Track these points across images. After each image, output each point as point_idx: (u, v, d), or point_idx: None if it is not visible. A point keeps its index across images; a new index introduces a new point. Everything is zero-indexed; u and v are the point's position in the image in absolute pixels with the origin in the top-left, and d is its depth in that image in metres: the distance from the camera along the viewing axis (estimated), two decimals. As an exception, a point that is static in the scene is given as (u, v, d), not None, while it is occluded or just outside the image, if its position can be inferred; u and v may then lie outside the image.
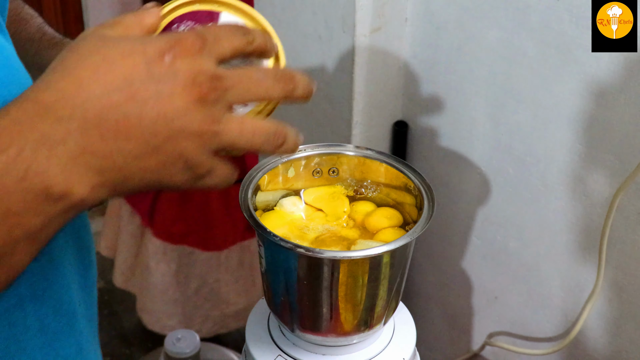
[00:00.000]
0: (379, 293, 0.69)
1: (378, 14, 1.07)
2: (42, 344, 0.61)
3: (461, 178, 1.15)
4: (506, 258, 1.14)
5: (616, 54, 0.87)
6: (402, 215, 0.75)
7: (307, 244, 0.71)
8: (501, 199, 1.10)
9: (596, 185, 0.96)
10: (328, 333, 0.71)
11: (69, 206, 0.48)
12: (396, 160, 0.76)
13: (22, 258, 0.49)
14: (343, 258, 0.64)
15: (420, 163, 1.20)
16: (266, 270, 0.70)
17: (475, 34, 1.02)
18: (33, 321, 0.60)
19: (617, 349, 1.03)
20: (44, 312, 0.61)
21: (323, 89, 1.14)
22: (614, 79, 0.89)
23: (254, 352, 0.74)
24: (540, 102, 0.98)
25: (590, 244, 1.00)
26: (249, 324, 0.77)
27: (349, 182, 0.78)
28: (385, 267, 0.67)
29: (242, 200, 0.69)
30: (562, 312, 1.09)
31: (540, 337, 1.14)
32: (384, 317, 0.72)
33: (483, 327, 1.23)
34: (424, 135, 1.18)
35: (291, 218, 0.75)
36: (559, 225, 1.03)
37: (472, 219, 1.16)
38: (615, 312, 1.01)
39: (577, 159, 0.97)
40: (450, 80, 1.09)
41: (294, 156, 0.76)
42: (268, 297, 0.73)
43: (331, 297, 0.67)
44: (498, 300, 1.18)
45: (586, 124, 0.94)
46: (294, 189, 0.77)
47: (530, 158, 1.03)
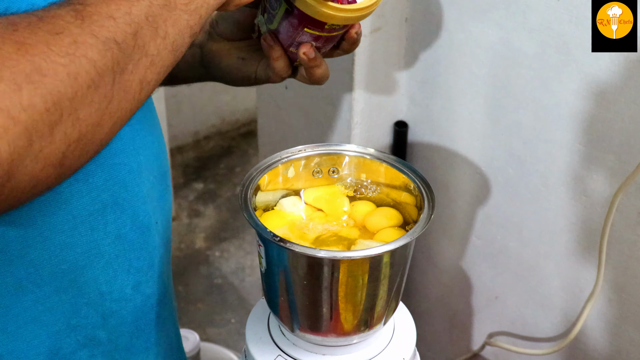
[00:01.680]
0: (379, 293, 0.69)
1: (378, 14, 1.07)
2: (118, 252, 0.66)
3: (461, 178, 1.15)
4: (506, 258, 1.14)
5: (616, 54, 0.87)
6: (402, 215, 0.75)
7: (307, 244, 0.71)
8: (501, 199, 1.10)
9: (596, 185, 0.96)
10: (328, 333, 0.71)
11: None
12: (396, 160, 0.76)
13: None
14: (343, 258, 0.64)
15: (420, 163, 1.20)
16: (266, 270, 0.70)
17: (475, 34, 1.02)
18: (112, 229, 0.64)
19: (617, 349, 1.03)
20: (123, 221, 0.65)
21: (323, 89, 1.14)
22: (614, 79, 0.89)
23: (254, 352, 0.74)
24: (540, 102, 0.98)
25: (590, 244, 1.00)
26: (249, 324, 0.77)
27: (349, 182, 0.78)
28: (385, 267, 0.67)
29: (242, 200, 0.69)
30: (562, 312, 1.09)
31: (540, 337, 1.14)
32: (384, 317, 0.72)
33: (483, 327, 1.23)
34: (424, 135, 1.18)
35: (291, 218, 0.75)
36: (559, 225, 1.03)
37: (472, 219, 1.16)
38: (615, 312, 1.01)
39: (577, 159, 0.97)
40: (450, 80, 1.09)
41: (294, 156, 0.76)
42: (268, 297, 0.73)
43: (331, 297, 0.67)
44: (498, 300, 1.18)
45: (586, 124, 0.94)
46: (294, 189, 0.77)
47: (530, 158, 1.03)
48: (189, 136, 2.77)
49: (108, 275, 0.65)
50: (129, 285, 0.68)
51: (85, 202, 0.61)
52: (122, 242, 0.66)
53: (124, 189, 0.64)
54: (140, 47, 0.50)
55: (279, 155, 0.76)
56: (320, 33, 0.70)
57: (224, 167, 2.64)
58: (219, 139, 2.81)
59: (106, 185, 0.62)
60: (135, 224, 0.67)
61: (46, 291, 0.62)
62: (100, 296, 0.66)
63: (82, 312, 0.65)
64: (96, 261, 0.64)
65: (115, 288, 0.67)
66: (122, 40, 0.49)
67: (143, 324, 0.71)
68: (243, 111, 2.87)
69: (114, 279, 0.66)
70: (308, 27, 0.70)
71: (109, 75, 0.48)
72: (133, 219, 0.66)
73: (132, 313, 0.69)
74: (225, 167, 2.65)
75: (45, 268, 0.61)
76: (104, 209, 0.63)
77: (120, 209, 0.65)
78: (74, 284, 0.63)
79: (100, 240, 0.64)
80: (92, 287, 0.65)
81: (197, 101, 2.73)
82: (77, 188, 0.60)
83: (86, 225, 0.62)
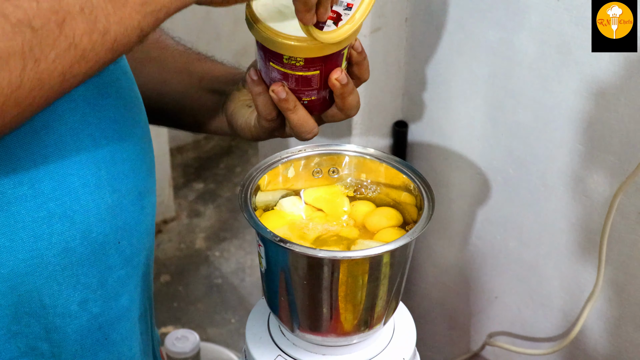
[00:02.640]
0: (379, 293, 0.69)
1: (378, 14, 1.07)
2: (64, 265, 0.62)
3: (461, 178, 1.15)
4: (506, 258, 1.14)
5: (616, 54, 0.87)
6: (402, 215, 0.75)
7: (307, 244, 0.71)
8: (501, 199, 1.10)
9: (596, 185, 0.96)
10: (328, 333, 0.71)
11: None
12: (396, 160, 0.76)
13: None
14: (343, 258, 0.64)
15: (420, 163, 1.20)
16: (266, 270, 0.70)
17: (475, 34, 1.02)
18: (59, 240, 0.61)
19: (617, 349, 1.03)
20: (72, 234, 0.62)
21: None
22: (614, 79, 0.89)
23: (254, 352, 0.74)
24: (540, 102, 0.98)
25: (590, 244, 1.00)
26: (249, 324, 0.77)
27: (349, 182, 0.78)
28: (385, 267, 0.67)
29: (242, 200, 0.69)
30: (562, 312, 1.09)
31: (540, 337, 1.14)
32: (384, 317, 0.72)
33: (483, 327, 1.23)
34: (424, 135, 1.18)
35: (291, 218, 0.75)
36: (559, 225, 1.03)
37: (472, 219, 1.16)
38: (615, 312, 1.01)
39: (577, 159, 0.97)
40: (450, 80, 1.09)
41: (294, 156, 0.76)
42: (268, 297, 0.73)
43: (331, 297, 0.67)
44: (498, 300, 1.18)
45: (586, 124, 0.94)
46: (294, 189, 0.77)
47: (530, 158, 1.03)
48: (189, 136, 2.77)
49: (52, 288, 0.62)
50: (74, 302, 0.64)
51: (29, 207, 0.59)
52: (70, 256, 0.62)
53: (76, 202, 0.61)
54: (69, 37, 0.48)
55: (279, 155, 0.76)
56: (283, 68, 0.66)
57: (224, 167, 2.64)
58: (219, 138, 2.81)
59: (55, 194, 0.59)
60: (86, 239, 0.63)
61: None
62: (43, 308, 0.63)
63: (24, 321, 0.62)
64: (39, 271, 0.61)
65: (59, 302, 0.63)
66: (41, 27, 0.47)
67: (89, 344, 0.67)
68: (243, 111, 2.86)
69: (59, 293, 0.63)
70: (271, 60, 0.66)
71: (16, 60, 0.46)
72: (84, 234, 0.62)
73: (77, 331, 0.66)
74: (225, 167, 2.64)
75: None
76: (50, 217, 0.60)
77: (70, 221, 0.61)
78: (14, 291, 0.60)
79: (43, 249, 0.60)
80: (34, 297, 0.62)
81: (197, 101, 2.72)
82: (21, 191, 0.58)
83: (29, 231, 0.59)
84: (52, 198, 0.60)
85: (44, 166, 0.58)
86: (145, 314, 0.76)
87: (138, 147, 0.68)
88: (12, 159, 0.57)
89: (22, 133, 0.57)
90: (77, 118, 0.61)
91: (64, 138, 0.60)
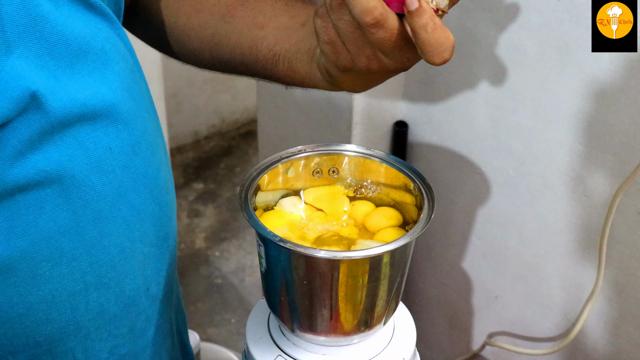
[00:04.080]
0: (379, 293, 0.69)
1: (378, 14, 1.07)
2: (97, 326, 0.63)
3: (461, 178, 1.15)
4: (506, 258, 1.14)
5: (616, 54, 0.87)
6: (402, 215, 0.75)
7: (307, 244, 0.71)
8: (501, 199, 1.10)
9: (596, 185, 0.96)
10: (328, 333, 0.71)
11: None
12: (396, 160, 0.76)
13: None
14: (343, 258, 0.64)
15: (420, 163, 1.20)
16: (266, 270, 0.70)
17: (475, 34, 1.02)
18: (94, 306, 0.62)
19: (617, 349, 1.03)
20: (107, 298, 0.63)
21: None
22: (614, 79, 0.89)
23: (254, 352, 0.74)
24: (540, 102, 0.98)
25: (590, 244, 1.00)
26: (249, 324, 0.77)
27: (349, 182, 0.78)
28: (385, 267, 0.67)
29: (242, 200, 0.69)
30: (562, 312, 1.09)
31: (540, 337, 1.14)
32: (384, 317, 0.72)
33: (483, 327, 1.23)
34: (424, 135, 1.18)
35: (291, 218, 0.75)
36: (559, 225, 1.03)
37: (472, 219, 1.16)
38: (615, 312, 1.01)
39: (577, 159, 0.97)
40: (450, 80, 1.09)
41: (294, 156, 0.76)
42: (268, 297, 0.73)
43: (331, 297, 0.67)
44: (498, 300, 1.18)
45: (586, 124, 0.94)
46: (294, 189, 0.77)
47: (530, 158, 1.03)
48: (189, 136, 2.77)
49: (85, 345, 0.64)
50: (105, 351, 0.66)
51: (66, 283, 0.59)
52: (103, 316, 0.64)
53: (112, 269, 0.62)
54: None
55: (279, 155, 0.76)
56: None
57: (224, 167, 2.64)
58: (219, 139, 2.81)
59: (92, 267, 0.60)
60: (119, 299, 0.64)
61: (20, 358, 0.61)
62: None
63: None
64: (74, 334, 0.62)
65: (91, 355, 0.65)
66: None
67: None
68: (243, 111, 2.87)
69: (91, 348, 0.64)
70: None
71: None
72: (118, 295, 0.64)
73: None
74: (225, 167, 2.65)
75: (21, 339, 0.60)
76: (86, 289, 0.61)
77: (105, 288, 0.62)
78: (48, 353, 0.62)
79: (80, 317, 0.62)
80: (68, 355, 0.63)
81: (197, 101, 2.73)
82: (58, 271, 0.58)
83: (66, 304, 0.60)
84: (89, 272, 0.60)
85: (82, 242, 0.59)
86: (172, 329, 0.77)
87: (161, 196, 0.67)
88: (50, 241, 0.57)
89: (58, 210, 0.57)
90: (114, 189, 0.60)
91: (103, 213, 0.60)
